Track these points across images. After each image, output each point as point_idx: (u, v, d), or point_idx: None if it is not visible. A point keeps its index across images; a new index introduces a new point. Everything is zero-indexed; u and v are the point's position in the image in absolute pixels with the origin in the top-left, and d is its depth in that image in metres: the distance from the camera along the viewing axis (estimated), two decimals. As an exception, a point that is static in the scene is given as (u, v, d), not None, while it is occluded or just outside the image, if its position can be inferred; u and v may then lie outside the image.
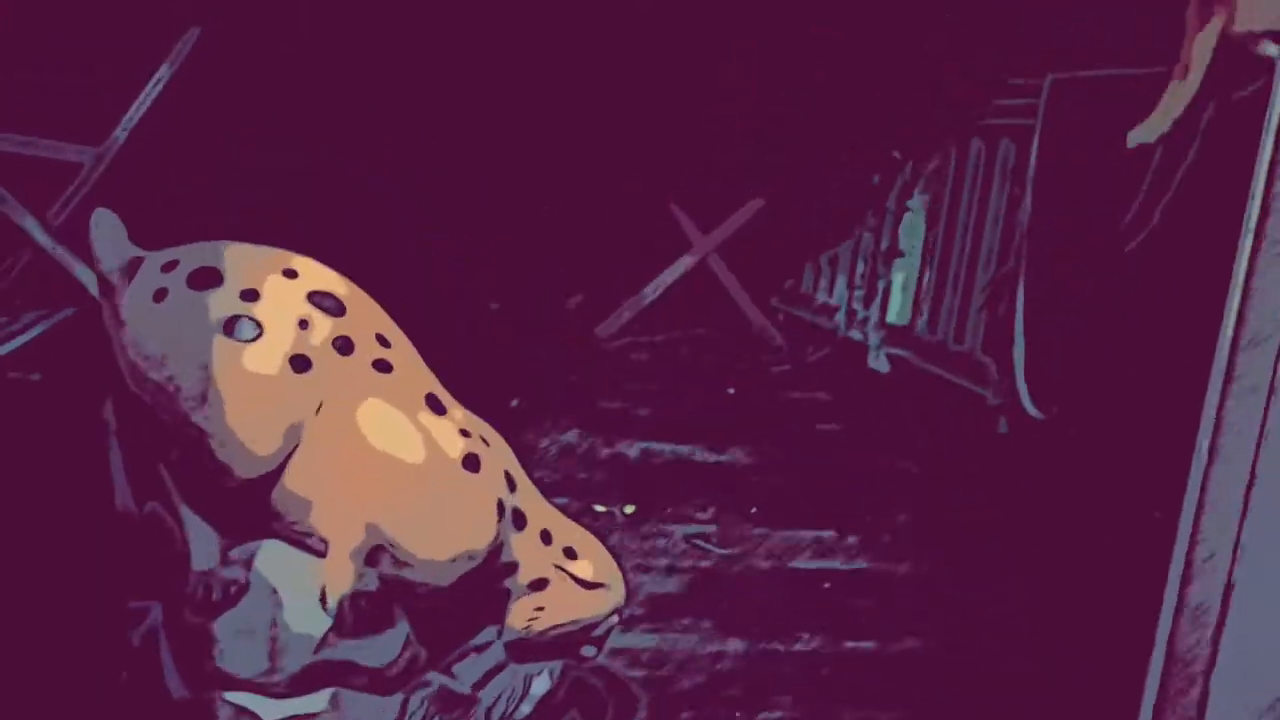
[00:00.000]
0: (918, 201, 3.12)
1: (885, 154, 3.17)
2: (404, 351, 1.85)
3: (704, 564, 2.50)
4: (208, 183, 2.48)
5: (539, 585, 1.90)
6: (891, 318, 3.17)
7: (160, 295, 1.73)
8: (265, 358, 1.72)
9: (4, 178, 2.69)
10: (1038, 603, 2.32)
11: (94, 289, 2.58)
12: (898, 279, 3.15)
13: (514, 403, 2.88)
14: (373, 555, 1.79)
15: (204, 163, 2.54)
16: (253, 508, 1.75)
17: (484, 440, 1.89)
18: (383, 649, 1.79)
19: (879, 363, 3.18)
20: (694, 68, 3.12)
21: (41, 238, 2.71)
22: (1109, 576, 2.14)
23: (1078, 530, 2.35)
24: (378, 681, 1.78)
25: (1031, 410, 2.70)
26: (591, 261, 3.30)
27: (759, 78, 3.14)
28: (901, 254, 3.15)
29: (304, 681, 1.75)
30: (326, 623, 1.76)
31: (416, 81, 2.87)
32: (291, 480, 1.75)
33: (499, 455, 1.90)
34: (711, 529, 2.62)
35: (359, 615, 1.78)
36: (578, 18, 2.93)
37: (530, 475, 1.97)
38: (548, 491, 2.00)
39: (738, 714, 2.12)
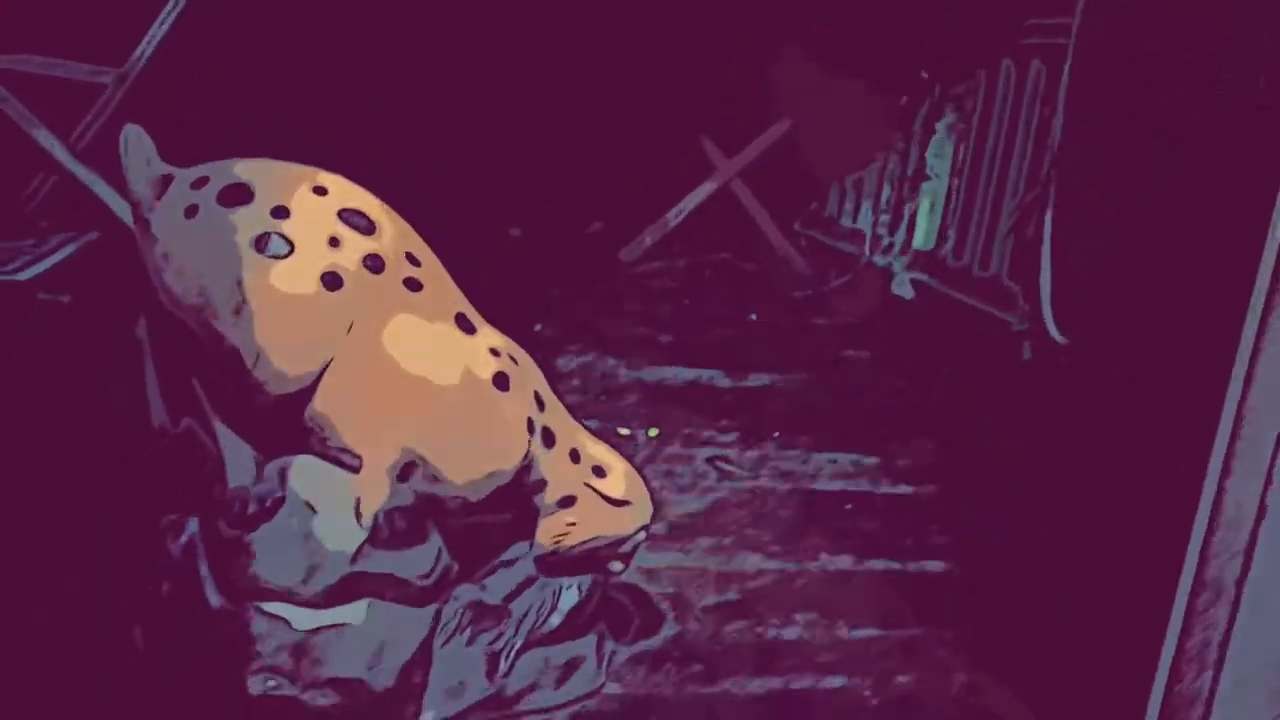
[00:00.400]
0: (945, 124, 3.07)
1: (913, 75, 3.11)
2: (434, 270, 1.85)
3: (727, 485, 2.53)
4: (227, 103, 2.47)
5: (568, 502, 1.92)
6: (917, 243, 3.14)
7: (191, 212, 1.73)
8: (296, 275, 1.73)
9: (28, 100, 2.68)
10: (1060, 527, 2.33)
11: (118, 210, 2.58)
12: (924, 203, 3.12)
13: (537, 327, 2.88)
14: (405, 470, 1.81)
15: (223, 85, 2.52)
16: (287, 424, 1.78)
17: (513, 359, 1.90)
18: (416, 562, 1.83)
19: (903, 288, 3.16)
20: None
21: (66, 160, 2.71)
22: (1133, 502, 2.13)
23: (1101, 456, 2.35)
24: (411, 593, 1.82)
25: (1056, 335, 2.68)
26: (614, 187, 3.27)
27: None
28: (928, 178, 3.11)
29: (339, 593, 1.79)
30: (361, 536, 1.79)
31: (446, 7, 2.83)
32: (324, 397, 1.77)
33: (528, 374, 1.92)
34: (734, 452, 2.64)
35: (393, 529, 1.81)
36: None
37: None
38: (571, 415, 2.01)
39: (759, 629, 2.16)
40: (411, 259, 1.82)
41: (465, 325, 1.86)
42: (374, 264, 1.77)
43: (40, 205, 2.75)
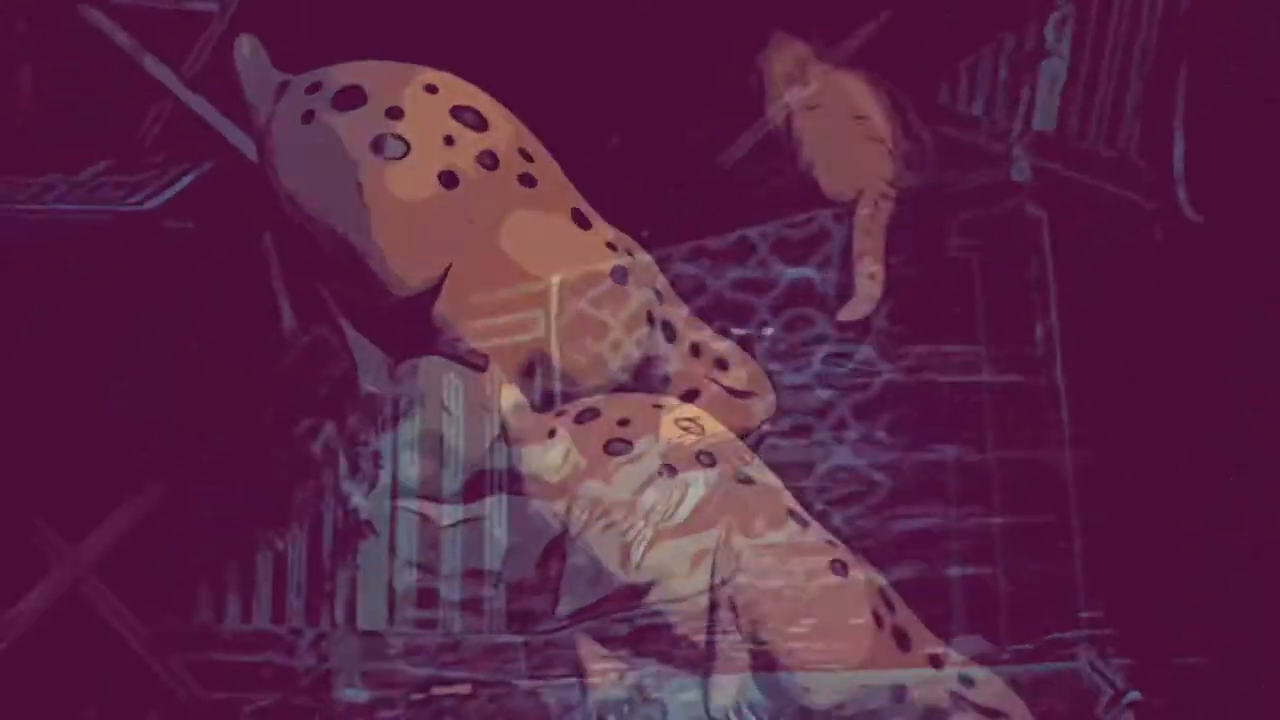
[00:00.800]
0: (1065, -5, 2.91)
1: (1030, -56, 2.94)
2: (547, 166, 1.85)
3: (846, 383, 2.49)
4: (334, 13, 2.48)
5: (691, 396, 1.92)
6: (1037, 124, 3.00)
7: (308, 117, 1.76)
8: (413, 176, 1.74)
9: (137, 31, 2.74)
10: (1195, 408, 2.24)
11: (231, 137, 2.63)
12: (1044, 82, 2.97)
13: (644, 234, 2.86)
14: (531, 368, 1.83)
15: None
16: (415, 325, 1.81)
17: (630, 254, 1.89)
18: (546, 458, 1.85)
19: (1021, 173, 3.03)
20: None
21: (178, 90, 2.76)
22: (1270, 384, 2.05)
23: (1237, 337, 2.25)
24: (542, 488, 1.85)
25: (1190, 214, 2.56)
26: (709, 91, 3.20)
27: None
28: (1048, 54, 2.96)
29: (473, 489, 1.84)
30: (492, 434, 1.82)
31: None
32: (447, 296, 1.79)
33: (646, 269, 1.91)
34: (850, 348, 2.59)
35: (522, 426, 1.83)
36: None
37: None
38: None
39: (886, 514, 2.14)
40: (525, 155, 1.81)
41: (581, 220, 1.85)
42: (489, 161, 1.77)
43: (157, 138, 2.83)
